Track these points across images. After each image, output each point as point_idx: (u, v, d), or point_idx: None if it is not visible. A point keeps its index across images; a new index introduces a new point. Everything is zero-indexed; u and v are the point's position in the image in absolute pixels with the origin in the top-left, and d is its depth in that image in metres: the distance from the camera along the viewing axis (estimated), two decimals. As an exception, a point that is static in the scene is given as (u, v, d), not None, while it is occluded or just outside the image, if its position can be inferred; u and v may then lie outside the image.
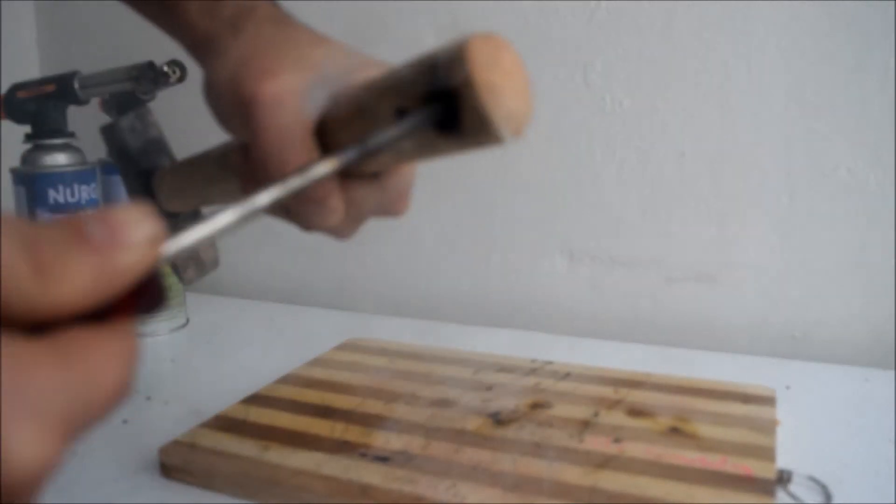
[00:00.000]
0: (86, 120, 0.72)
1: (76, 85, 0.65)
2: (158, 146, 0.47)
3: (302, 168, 0.26)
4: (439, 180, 0.78)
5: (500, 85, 0.24)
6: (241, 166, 0.35)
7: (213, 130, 0.37)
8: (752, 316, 0.69)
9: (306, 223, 0.34)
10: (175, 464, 0.46)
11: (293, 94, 0.32)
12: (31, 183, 0.65)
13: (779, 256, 0.68)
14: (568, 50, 0.71)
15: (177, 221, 0.46)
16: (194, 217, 0.47)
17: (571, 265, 0.75)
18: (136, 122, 0.46)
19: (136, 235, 0.19)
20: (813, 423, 0.51)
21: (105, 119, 0.73)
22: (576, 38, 0.71)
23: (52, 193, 0.65)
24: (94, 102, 0.71)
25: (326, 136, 0.32)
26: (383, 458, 0.44)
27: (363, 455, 0.45)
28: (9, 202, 0.68)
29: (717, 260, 0.70)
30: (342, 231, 0.37)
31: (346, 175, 0.33)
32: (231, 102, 0.33)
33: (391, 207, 0.36)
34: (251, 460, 0.45)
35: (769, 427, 0.47)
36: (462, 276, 0.81)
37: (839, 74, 0.63)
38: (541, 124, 0.73)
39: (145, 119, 0.47)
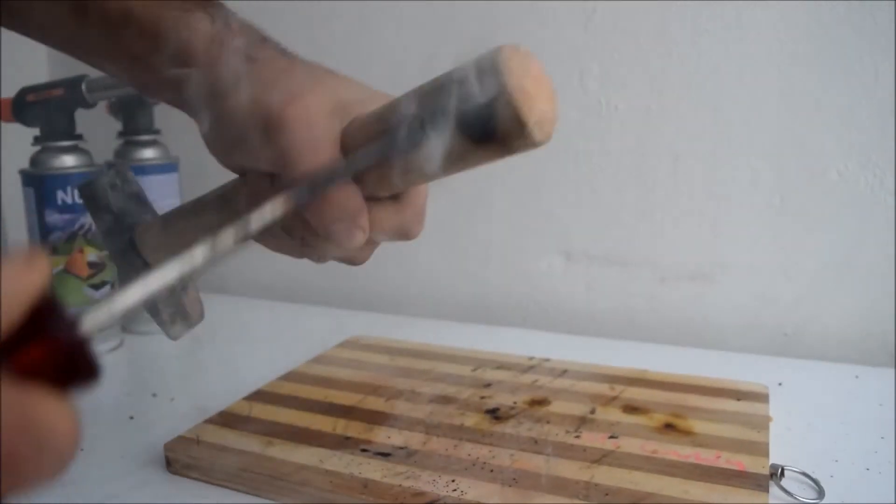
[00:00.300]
0: (93, 123, 0.73)
1: (84, 88, 0.65)
2: (139, 201, 0.45)
3: (329, 168, 0.25)
4: (438, 181, 0.79)
5: (532, 91, 0.25)
6: (253, 201, 0.35)
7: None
8: (745, 314, 0.70)
9: (332, 246, 0.34)
10: (180, 459, 0.46)
11: (320, 115, 0.32)
12: (40, 184, 0.66)
13: (771, 256, 0.68)
14: (565, 55, 0.72)
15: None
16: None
17: (568, 265, 0.76)
18: (116, 178, 0.45)
19: None
20: (805, 420, 0.51)
21: (112, 122, 0.75)
22: (572, 43, 0.71)
23: (60, 195, 0.65)
24: (102, 106, 0.72)
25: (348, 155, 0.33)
26: (384, 454, 0.44)
27: (364, 451, 0.45)
28: (19, 203, 0.69)
29: (711, 260, 0.70)
30: (359, 255, 0.38)
31: (368, 198, 0.33)
32: (253, 126, 0.33)
33: (409, 229, 0.37)
34: (254, 456, 0.45)
35: (762, 423, 0.47)
36: (461, 276, 0.81)
37: (829, 78, 0.63)
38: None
39: (124, 175, 0.45)
